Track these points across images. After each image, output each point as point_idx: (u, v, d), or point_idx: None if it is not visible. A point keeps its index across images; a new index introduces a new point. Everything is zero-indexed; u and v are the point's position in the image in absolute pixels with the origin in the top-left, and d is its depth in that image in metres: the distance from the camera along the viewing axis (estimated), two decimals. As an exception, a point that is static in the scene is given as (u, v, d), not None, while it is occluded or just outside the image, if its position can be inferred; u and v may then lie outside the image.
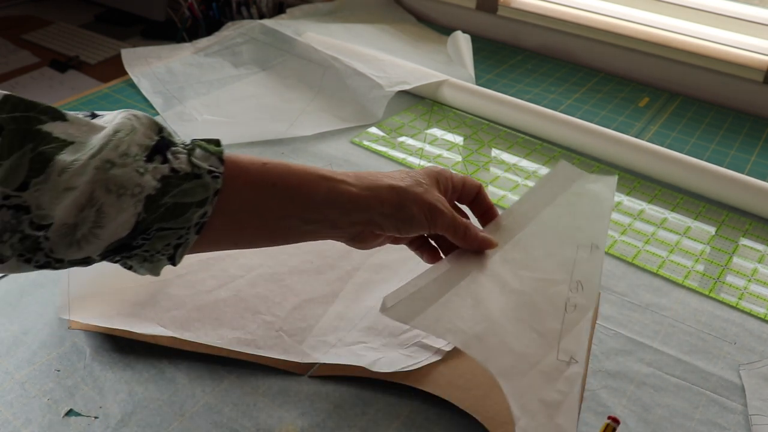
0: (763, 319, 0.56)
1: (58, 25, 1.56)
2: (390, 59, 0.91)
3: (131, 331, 0.49)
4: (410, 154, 0.76)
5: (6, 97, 0.34)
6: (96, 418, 0.44)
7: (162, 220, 0.37)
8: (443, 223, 0.44)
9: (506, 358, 0.40)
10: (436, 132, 0.82)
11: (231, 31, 1.01)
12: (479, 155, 0.77)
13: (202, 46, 0.99)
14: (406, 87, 0.85)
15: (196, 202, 0.38)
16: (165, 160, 0.38)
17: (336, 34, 1.01)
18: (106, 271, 0.54)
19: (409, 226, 0.43)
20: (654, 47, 0.97)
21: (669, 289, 0.58)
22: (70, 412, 0.45)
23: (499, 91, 0.86)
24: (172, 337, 0.49)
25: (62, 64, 1.36)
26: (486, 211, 0.49)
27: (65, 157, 0.35)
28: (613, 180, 0.51)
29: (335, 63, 0.88)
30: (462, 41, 1.01)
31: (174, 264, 0.39)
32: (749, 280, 0.60)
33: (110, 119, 0.38)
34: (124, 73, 0.93)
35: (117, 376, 0.47)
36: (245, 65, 0.95)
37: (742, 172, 0.73)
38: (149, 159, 0.37)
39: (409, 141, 0.79)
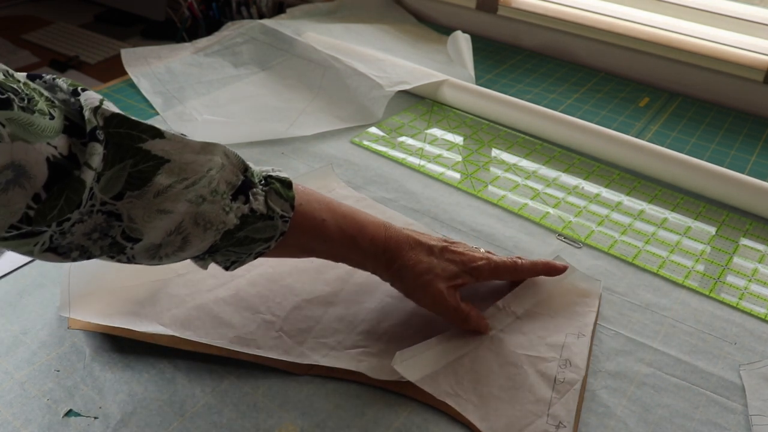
0: (763, 320, 0.56)
1: (58, 25, 1.56)
2: (390, 59, 0.91)
3: (131, 330, 0.49)
4: (410, 154, 0.76)
5: (114, 114, 0.37)
6: (96, 418, 0.44)
7: (231, 245, 0.44)
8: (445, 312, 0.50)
9: (500, 420, 0.45)
10: (436, 132, 0.82)
11: (231, 31, 1.01)
12: (479, 155, 0.77)
13: (202, 46, 0.99)
14: (406, 87, 0.85)
15: (264, 238, 0.44)
16: (246, 200, 0.43)
17: (336, 34, 1.01)
18: (107, 269, 0.54)
19: (421, 299, 0.50)
20: (654, 47, 0.97)
21: (669, 289, 0.58)
22: (69, 413, 0.45)
23: (499, 91, 0.86)
24: (171, 336, 0.49)
25: (62, 64, 1.36)
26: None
27: (162, 180, 0.39)
28: (598, 285, 0.56)
29: (335, 63, 0.88)
30: (462, 41, 1.01)
31: (226, 270, 0.46)
32: (750, 280, 0.60)
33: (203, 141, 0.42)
34: (124, 73, 0.93)
35: (117, 376, 0.47)
36: (245, 65, 0.95)
37: (743, 172, 0.73)
38: (234, 198, 0.42)
39: (409, 141, 0.79)
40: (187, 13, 1.35)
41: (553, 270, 0.54)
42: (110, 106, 0.38)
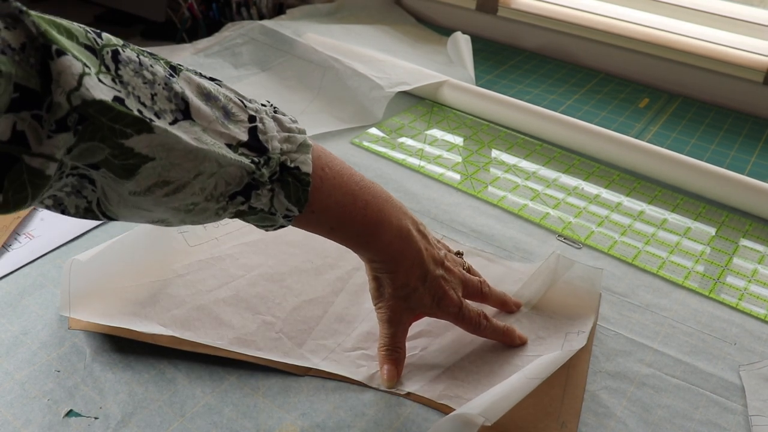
0: (763, 320, 0.56)
1: (58, 26, 1.56)
2: (390, 60, 0.91)
3: (131, 330, 0.49)
4: (410, 155, 0.76)
5: (94, 101, 0.32)
6: (96, 418, 0.44)
7: (231, 215, 0.41)
8: (449, 310, 0.49)
9: (503, 418, 0.44)
10: (436, 133, 0.82)
11: (231, 32, 1.01)
12: (479, 156, 0.77)
13: (202, 47, 0.99)
14: (406, 88, 0.85)
15: (262, 225, 0.43)
16: (246, 201, 0.40)
17: (336, 35, 1.01)
18: (108, 270, 0.54)
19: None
20: (654, 48, 0.97)
21: (669, 290, 0.58)
22: (70, 413, 0.45)
23: (499, 92, 0.86)
24: (172, 336, 0.49)
25: (62, 64, 1.35)
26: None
27: (141, 180, 0.35)
28: (600, 274, 0.55)
29: (335, 64, 0.88)
30: (462, 42, 1.01)
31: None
32: (749, 281, 0.60)
33: (196, 133, 0.36)
34: (124, 73, 0.92)
35: (117, 376, 0.47)
36: (245, 66, 0.95)
37: (742, 173, 0.73)
38: (232, 198, 0.39)
39: (409, 142, 0.79)
40: (187, 14, 1.35)
41: (511, 341, 0.51)
42: (92, 88, 0.31)
